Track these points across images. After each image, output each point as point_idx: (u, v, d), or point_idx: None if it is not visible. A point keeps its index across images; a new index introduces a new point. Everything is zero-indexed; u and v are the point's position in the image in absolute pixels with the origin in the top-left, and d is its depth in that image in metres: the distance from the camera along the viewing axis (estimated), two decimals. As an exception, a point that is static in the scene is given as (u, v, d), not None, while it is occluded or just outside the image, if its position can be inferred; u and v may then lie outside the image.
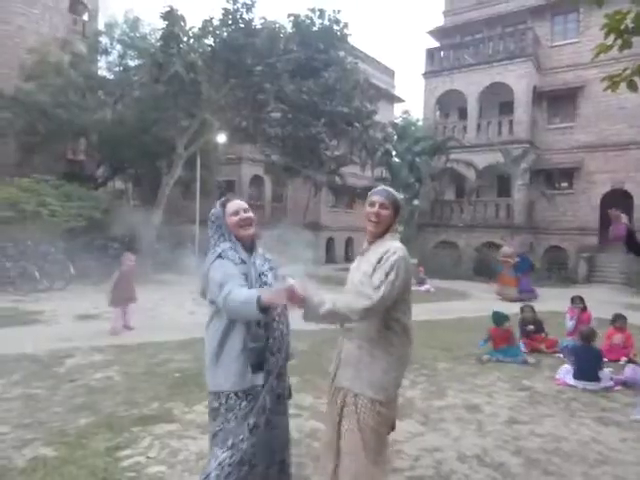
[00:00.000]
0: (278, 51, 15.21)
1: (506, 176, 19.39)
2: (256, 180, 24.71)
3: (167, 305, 10.17)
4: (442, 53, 21.90)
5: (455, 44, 21.85)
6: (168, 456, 3.25)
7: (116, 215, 15.59)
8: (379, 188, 2.35)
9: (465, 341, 7.31)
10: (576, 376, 5.12)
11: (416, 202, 22.64)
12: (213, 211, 2.39)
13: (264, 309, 2.00)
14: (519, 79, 19.44)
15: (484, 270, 18.86)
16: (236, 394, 2.20)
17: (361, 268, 2.24)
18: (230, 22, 14.97)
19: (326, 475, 2.31)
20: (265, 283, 2.31)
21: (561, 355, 6.24)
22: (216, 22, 15.18)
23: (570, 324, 7.12)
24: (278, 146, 17.61)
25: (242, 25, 14.95)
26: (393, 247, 2.15)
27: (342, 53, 17.09)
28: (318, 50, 15.81)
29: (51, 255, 12.16)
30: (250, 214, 2.36)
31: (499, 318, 6.43)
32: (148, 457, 3.23)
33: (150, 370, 5.30)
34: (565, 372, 5.30)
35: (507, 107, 20.35)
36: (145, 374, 5.16)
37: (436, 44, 23.31)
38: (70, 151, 20.72)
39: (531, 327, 6.77)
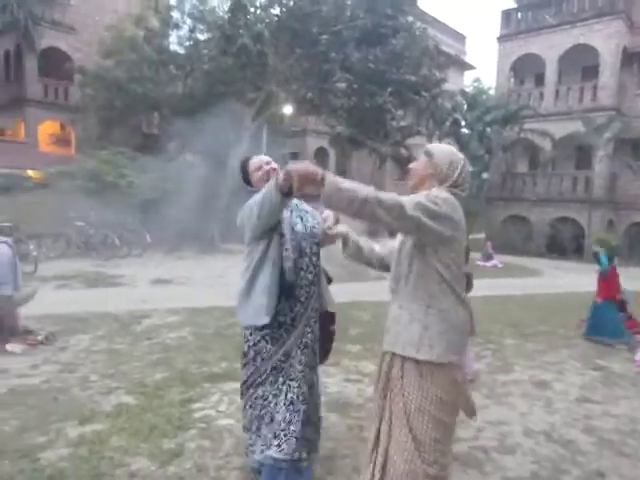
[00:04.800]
0: (344, 19, 14.86)
1: (586, 147, 18.05)
2: (320, 152, 24.72)
3: (235, 273, 10.57)
4: (519, 14, 20.45)
5: (534, 4, 20.28)
6: (236, 411, 3.42)
7: (187, 187, 16.27)
8: None
9: (534, 318, 7.04)
10: (658, 359, 4.79)
11: (485, 175, 21.69)
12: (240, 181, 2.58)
13: (286, 194, 1.96)
14: (607, 39, 17.79)
15: (557, 247, 17.91)
16: (264, 337, 2.34)
17: None
18: (296, -10, 14.79)
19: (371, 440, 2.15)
20: (307, 222, 2.45)
21: (642, 337, 5.84)
22: (282, -9, 15.05)
23: (653, 305, 6.62)
24: (343, 117, 17.39)
25: (308, -7, 14.71)
26: (434, 190, 1.95)
27: (411, 18, 16.39)
28: (386, 16, 15.25)
29: (129, 224, 12.97)
30: (273, 165, 2.45)
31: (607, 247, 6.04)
32: (218, 411, 3.44)
33: (219, 332, 5.58)
34: (646, 354, 4.97)
35: (591, 71, 18.75)
36: (214, 335, 5.44)
37: (513, 5, 21.78)
38: (145, 124, 21.71)
39: None
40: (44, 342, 4.84)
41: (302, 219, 2.45)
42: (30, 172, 15.75)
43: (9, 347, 4.61)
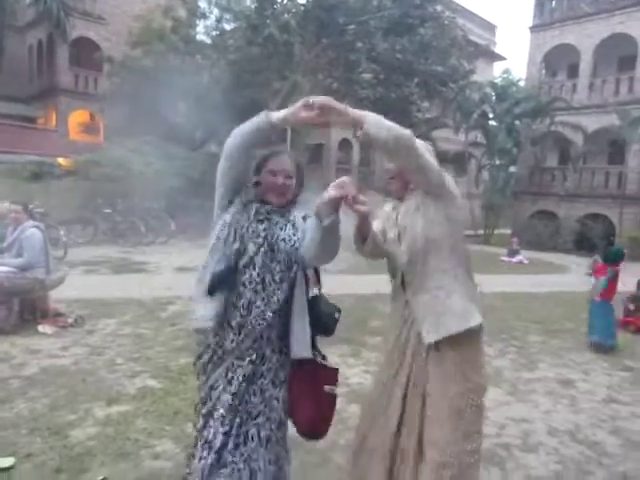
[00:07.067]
0: (372, 8, 14.70)
1: (620, 141, 17.47)
2: (344, 144, 24.58)
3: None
4: (554, 3, 19.81)
5: (570, -8, 19.64)
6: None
7: (211, 176, 16.43)
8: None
9: (560, 315, 6.90)
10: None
11: (513, 169, 21.25)
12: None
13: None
14: (646, 28, 17.12)
15: (586, 244, 17.47)
16: (199, 357, 1.94)
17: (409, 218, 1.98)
18: (324, -21, 14.67)
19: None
20: (257, 242, 1.82)
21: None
22: (310, -20, 14.96)
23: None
24: (368, 108, 17.15)
25: (336, -18, 14.58)
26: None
27: (439, 7, 16.12)
28: (414, 5, 15.04)
29: (154, 211, 13.17)
30: (289, 182, 1.86)
31: (616, 254, 5.56)
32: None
33: (241, 320, 5.63)
34: (677, 356, 4.82)
35: (628, 62, 18.06)
36: (237, 324, 5.49)
37: (547, -7, 21.12)
38: (170, 114, 21.95)
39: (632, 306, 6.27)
40: (73, 325, 4.98)
41: (282, 229, 1.85)
42: (60, 160, 16.13)
43: (41, 328, 4.77)
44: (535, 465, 2.79)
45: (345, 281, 8.35)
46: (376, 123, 1.79)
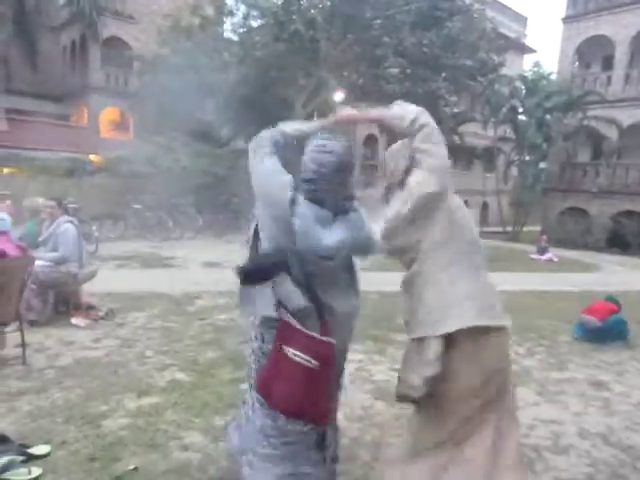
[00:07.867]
0: (399, 2, 14.52)
1: (657, 135, 16.87)
2: (370, 139, 24.45)
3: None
4: (587, -7, 19.21)
5: (605, -19, 18.99)
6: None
7: (237, 172, 16.58)
8: None
9: (592, 315, 6.70)
10: None
11: (543, 165, 20.73)
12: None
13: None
14: (685, 18, 16.45)
15: (619, 242, 16.94)
16: None
17: None
18: (351, -26, 14.57)
19: None
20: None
21: None
22: (336, -25, 14.86)
23: None
24: (395, 104, 17.10)
25: (362, -24, 14.48)
26: None
27: (468, 0, 15.81)
28: (442, -2, 14.81)
29: (182, 207, 13.40)
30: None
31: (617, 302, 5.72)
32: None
33: (267, 316, 5.68)
34: None
35: (666, 53, 17.44)
36: (263, 319, 5.54)
37: (581, -17, 20.45)
38: (198, 111, 22.24)
39: None
40: (104, 318, 5.13)
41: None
42: (92, 157, 16.56)
43: (74, 321, 4.92)
44: (566, 467, 2.73)
45: (368, 278, 8.33)
46: (394, 115, 1.98)
